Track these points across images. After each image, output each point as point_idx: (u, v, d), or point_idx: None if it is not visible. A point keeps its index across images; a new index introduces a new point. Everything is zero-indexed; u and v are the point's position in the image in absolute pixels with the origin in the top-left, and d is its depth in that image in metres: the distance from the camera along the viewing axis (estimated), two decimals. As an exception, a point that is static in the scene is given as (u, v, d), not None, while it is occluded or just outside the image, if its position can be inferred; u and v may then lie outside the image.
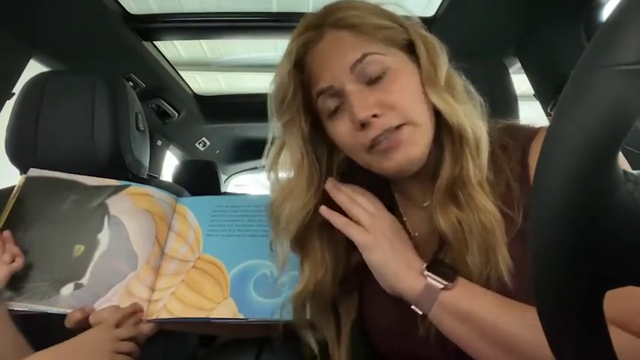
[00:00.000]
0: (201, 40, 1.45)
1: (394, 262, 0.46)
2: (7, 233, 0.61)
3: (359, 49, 0.47)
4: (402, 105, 0.46)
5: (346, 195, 0.50)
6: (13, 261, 0.59)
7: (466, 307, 0.42)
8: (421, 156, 0.47)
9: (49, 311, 0.58)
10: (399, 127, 0.46)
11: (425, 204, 0.53)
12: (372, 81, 0.47)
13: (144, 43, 1.17)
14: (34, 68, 0.95)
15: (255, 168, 2.84)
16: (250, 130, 2.30)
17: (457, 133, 0.46)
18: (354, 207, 0.49)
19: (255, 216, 0.68)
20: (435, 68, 0.48)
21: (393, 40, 0.48)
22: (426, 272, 0.45)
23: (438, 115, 0.48)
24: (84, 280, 0.61)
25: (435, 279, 0.44)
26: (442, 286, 0.43)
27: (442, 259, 0.47)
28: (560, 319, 0.21)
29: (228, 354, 0.68)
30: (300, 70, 0.51)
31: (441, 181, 0.48)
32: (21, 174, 0.76)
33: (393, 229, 0.49)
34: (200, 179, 1.90)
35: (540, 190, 0.20)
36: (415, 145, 0.46)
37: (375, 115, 0.46)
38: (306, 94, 0.51)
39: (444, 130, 0.48)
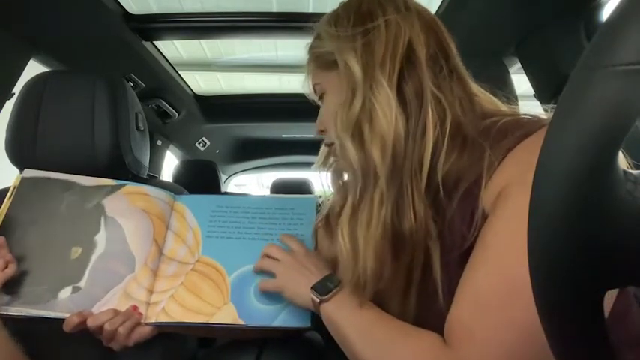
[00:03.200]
0: (201, 40, 1.45)
1: (295, 288, 0.55)
2: (1, 239, 0.59)
3: (312, 79, 0.56)
4: (326, 127, 0.54)
5: (265, 252, 0.61)
6: (6, 267, 0.57)
7: (335, 319, 0.49)
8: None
9: (47, 316, 0.57)
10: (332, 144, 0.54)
11: None
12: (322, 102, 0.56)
13: (144, 43, 1.17)
14: (34, 68, 0.95)
15: (256, 168, 2.84)
16: (250, 130, 2.31)
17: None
18: (265, 262, 0.60)
19: (255, 218, 0.67)
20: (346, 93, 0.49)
21: (325, 62, 0.53)
22: (310, 288, 0.52)
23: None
24: (81, 283, 0.60)
25: (313, 293, 0.51)
26: (318, 300, 0.51)
27: (331, 275, 0.54)
28: (560, 319, 0.21)
29: (228, 354, 0.68)
30: None
31: None
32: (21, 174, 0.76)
33: (296, 263, 0.57)
34: (200, 179, 1.90)
35: (540, 190, 0.20)
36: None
37: (322, 131, 0.56)
38: None
39: None
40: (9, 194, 0.65)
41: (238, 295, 0.60)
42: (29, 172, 0.69)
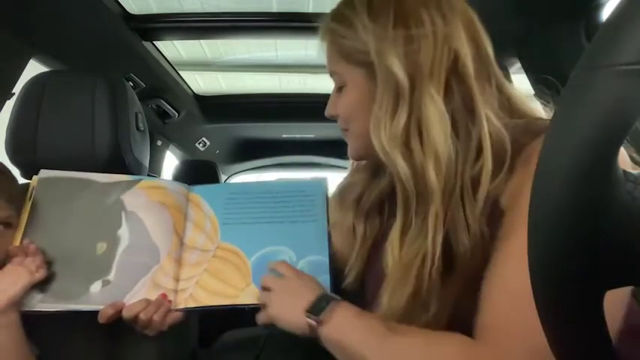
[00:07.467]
0: (201, 40, 1.45)
1: (289, 316, 0.53)
2: (33, 246, 0.61)
3: (330, 63, 0.54)
4: (343, 116, 0.55)
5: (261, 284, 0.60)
6: (37, 272, 0.59)
7: (336, 339, 0.48)
8: (356, 157, 0.58)
9: (81, 309, 0.59)
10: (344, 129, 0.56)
11: None
12: (339, 89, 0.54)
13: (144, 43, 1.17)
14: (34, 68, 0.95)
15: (256, 168, 2.84)
16: (250, 130, 2.31)
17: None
18: (265, 279, 0.59)
19: (268, 203, 0.69)
20: (380, 99, 0.46)
21: (352, 56, 0.50)
22: (306, 312, 0.51)
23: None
24: (110, 277, 0.62)
25: (309, 317, 0.50)
26: (315, 323, 0.49)
27: (327, 295, 0.53)
28: (560, 319, 0.21)
29: (228, 354, 0.68)
30: None
31: None
32: (21, 174, 0.76)
33: (288, 288, 0.56)
34: (200, 179, 1.89)
35: (540, 190, 0.20)
36: (352, 149, 0.56)
37: (332, 115, 0.57)
38: None
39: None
40: (28, 195, 0.66)
41: (259, 277, 0.62)
42: (45, 173, 0.70)
